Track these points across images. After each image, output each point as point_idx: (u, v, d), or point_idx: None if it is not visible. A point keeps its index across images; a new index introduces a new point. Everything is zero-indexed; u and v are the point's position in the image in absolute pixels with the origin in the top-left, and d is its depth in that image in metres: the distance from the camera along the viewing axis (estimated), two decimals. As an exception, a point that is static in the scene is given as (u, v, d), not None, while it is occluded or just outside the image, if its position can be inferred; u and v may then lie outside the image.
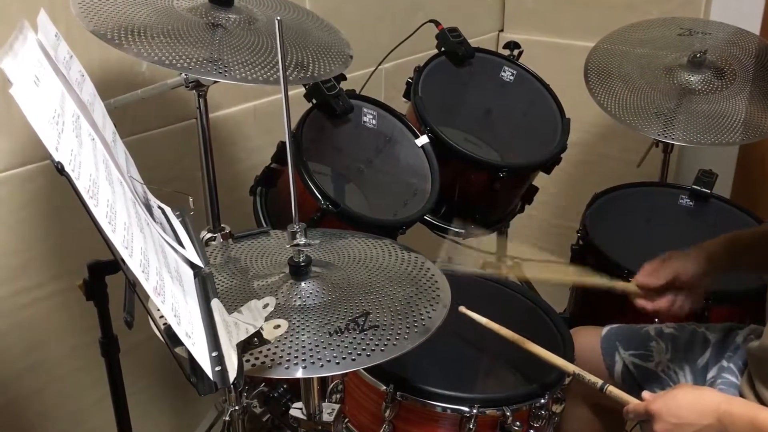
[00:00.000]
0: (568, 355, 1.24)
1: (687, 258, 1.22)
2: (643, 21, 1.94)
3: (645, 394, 1.05)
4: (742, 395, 1.16)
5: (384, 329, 0.90)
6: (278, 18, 0.89)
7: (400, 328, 0.91)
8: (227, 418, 1.29)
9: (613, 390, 1.09)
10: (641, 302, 1.24)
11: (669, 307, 1.22)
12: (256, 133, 1.77)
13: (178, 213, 1.01)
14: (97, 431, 1.58)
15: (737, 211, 1.75)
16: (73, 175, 0.64)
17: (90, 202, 0.65)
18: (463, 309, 1.21)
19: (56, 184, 1.37)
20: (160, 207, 0.98)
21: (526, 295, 1.43)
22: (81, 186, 0.65)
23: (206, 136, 1.38)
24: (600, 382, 1.10)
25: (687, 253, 1.23)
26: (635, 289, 1.26)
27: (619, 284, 1.30)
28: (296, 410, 1.10)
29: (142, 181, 0.94)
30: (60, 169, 0.63)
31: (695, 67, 1.78)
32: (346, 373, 1.11)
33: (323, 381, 1.24)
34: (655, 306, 1.22)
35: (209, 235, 1.45)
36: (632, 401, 1.07)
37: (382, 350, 0.87)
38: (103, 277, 0.92)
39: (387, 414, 1.14)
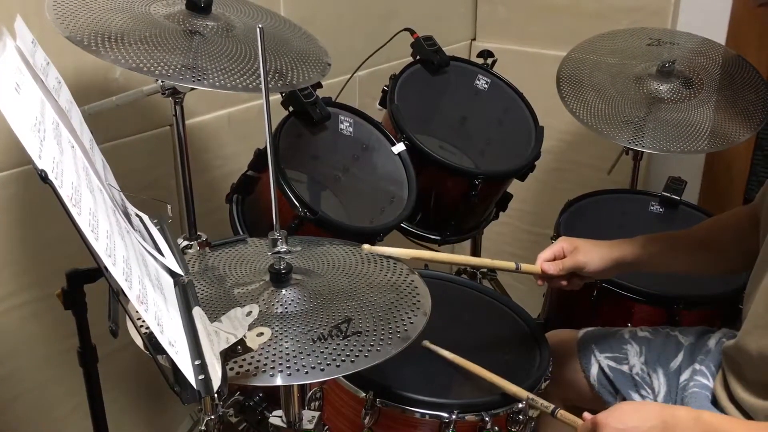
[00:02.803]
0: (545, 358, 1.25)
1: (593, 255, 1.24)
2: (613, 31, 1.98)
3: (585, 414, 1.07)
4: (715, 397, 1.18)
5: (367, 335, 0.91)
6: (260, 26, 0.89)
7: (383, 334, 0.92)
8: (203, 428, 1.28)
9: (564, 414, 1.11)
10: (540, 283, 1.29)
11: (562, 287, 1.28)
12: (230, 140, 1.77)
13: (156, 221, 1.01)
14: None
15: (705, 216, 1.78)
16: (56, 183, 0.64)
17: (73, 211, 0.65)
18: (427, 344, 1.23)
19: (28, 192, 1.34)
20: (138, 215, 0.98)
21: (502, 301, 1.45)
22: (64, 194, 0.65)
23: (183, 143, 1.37)
24: (551, 406, 1.12)
25: (593, 250, 1.25)
26: (537, 270, 1.27)
27: (525, 266, 1.28)
28: (276, 418, 1.10)
29: (120, 189, 0.93)
30: (43, 177, 0.62)
31: (664, 77, 1.82)
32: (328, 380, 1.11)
33: (302, 388, 1.23)
34: (551, 284, 1.29)
35: (185, 242, 1.44)
36: (580, 423, 1.08)
37: (366, 356, 0.87)
38: (82, 286, 0.90)
39: (366, 421, 1.14)
